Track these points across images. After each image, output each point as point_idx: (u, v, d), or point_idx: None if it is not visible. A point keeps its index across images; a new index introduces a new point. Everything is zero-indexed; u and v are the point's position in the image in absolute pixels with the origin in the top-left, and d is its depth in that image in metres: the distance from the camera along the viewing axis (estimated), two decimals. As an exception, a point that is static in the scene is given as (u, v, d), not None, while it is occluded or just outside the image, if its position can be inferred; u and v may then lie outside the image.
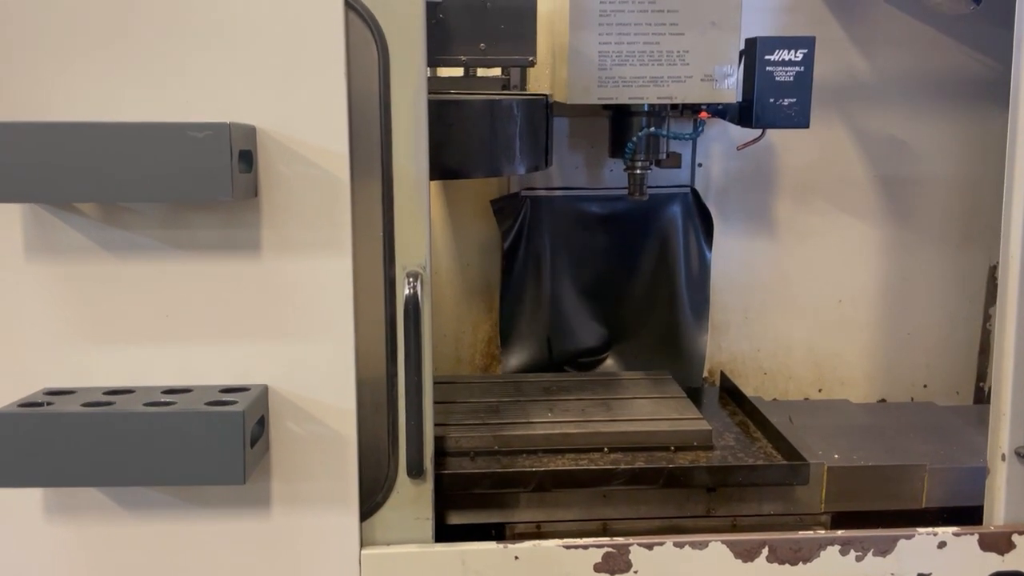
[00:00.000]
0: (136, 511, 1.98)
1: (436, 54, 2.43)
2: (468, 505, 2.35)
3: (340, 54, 1.88)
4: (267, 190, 1.90)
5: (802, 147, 3.12)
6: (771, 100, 2.47)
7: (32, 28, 1.82)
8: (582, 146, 3.09)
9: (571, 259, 3.09)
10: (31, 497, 1.97)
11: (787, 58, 2.44)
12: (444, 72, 2.76)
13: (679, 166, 2.77)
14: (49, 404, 1.82)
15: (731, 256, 3.20)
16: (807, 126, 2.51)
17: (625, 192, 2.75)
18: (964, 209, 3.22)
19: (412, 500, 2.05)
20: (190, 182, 1.75)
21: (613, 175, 3.01)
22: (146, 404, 1.81)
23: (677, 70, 2.40)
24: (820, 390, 3.33)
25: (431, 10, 2.37)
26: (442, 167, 2.31)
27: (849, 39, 3.08)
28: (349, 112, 1.91)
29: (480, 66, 2.58)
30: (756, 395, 3.17)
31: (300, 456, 1.99)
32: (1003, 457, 2.15)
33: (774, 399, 3.26)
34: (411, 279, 1.96)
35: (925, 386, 3.33)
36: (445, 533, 2.22)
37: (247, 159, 1.84)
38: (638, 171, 2.67)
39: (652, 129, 2.56)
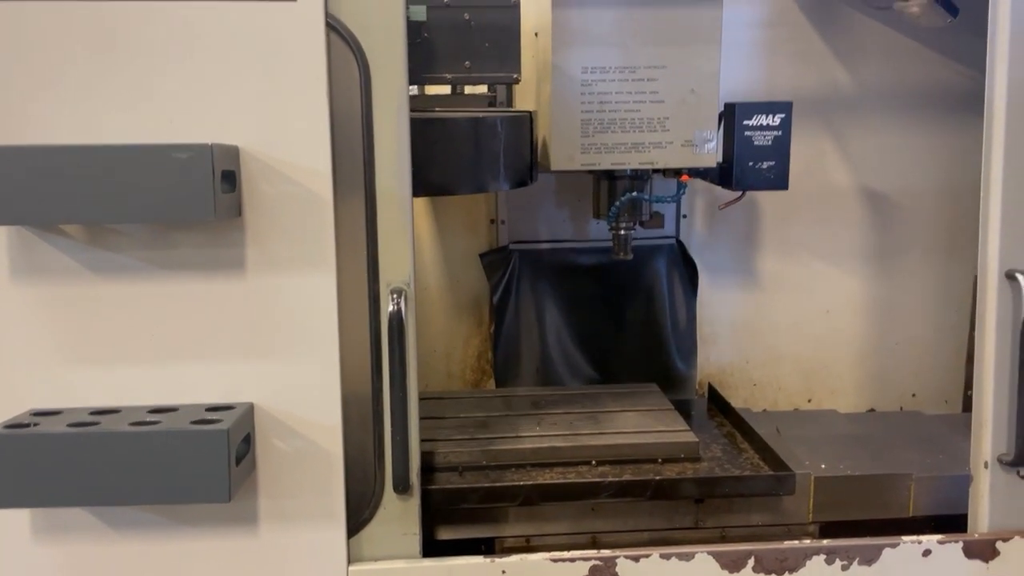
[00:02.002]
0: (123, 530, 1.99)
1: (422, 72, 2.46)
2: (457, 520, 2.35)
3: (322, 74, 1.90)
4: (251, 209, 1.92)
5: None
6: (750, 164, 2.52)
7: (14, 52, 1.84)
8: (568, 200, 3.14)
9: (560, 310, 3.13)
10: (18, 518, 1.98)
11: (765, 123, 2.50)
12: (431, 90, 2.79)
13: (662, 226, 2.81)
14: (35, 425, 1.83)
15: (718, 268, 3.22)
16: (786, 188, 2.56)
17: (611, 244, 2.78)
18: (949, 219, 3.24)
19: (399, 515, 2.06)
20: (174, 203, 1.78)
21: (599, 227, 3.04)
22: (132, 424, 1.83)
23: (658, 136, 2.45)
24: (810, 400, 3.34)
25: (416, 29, 2.40)
26: (428, 184, 2.33)
27: (831, 52, 3.11)
28: (331, 131, 1.93)
29: (465, 83, 2.61)
30: (745, 406, 3.19)
31: (286, 473, 2.00)
32: (986, 465, 2.16)
33: (763, 410, 3.27)
34: (395, 295, 1.98)
35: (914, 395, 3.34)
36: (435, 548, 2.23)
37: (230, 179, 1.86)
38: (622, 232, 2.71)
39: (634, 194, 2.60)
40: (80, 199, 1.76)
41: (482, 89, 2.91)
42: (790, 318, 3.28)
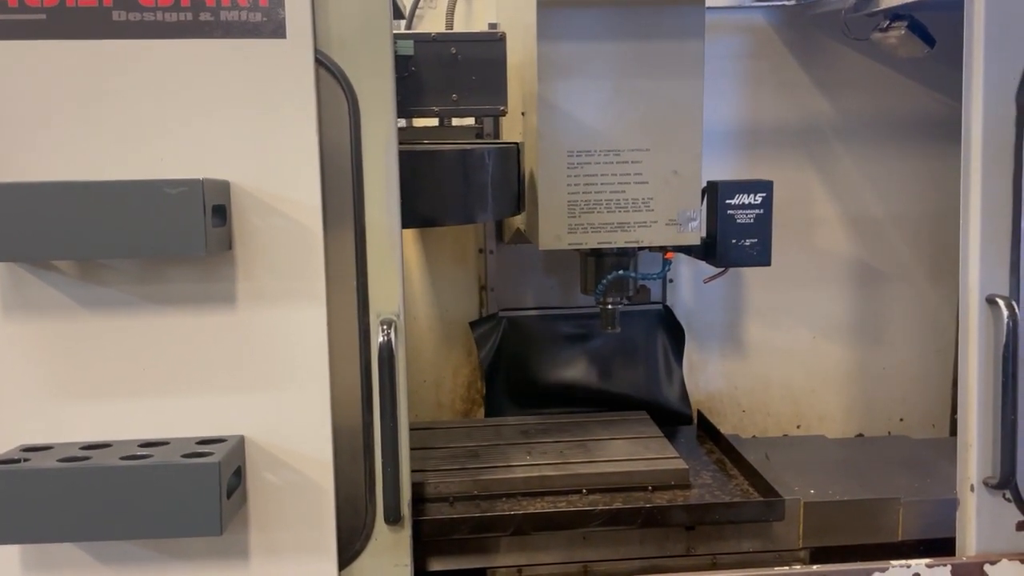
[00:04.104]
0: (114, 565, 1.98)
1: (410, 105, 2.49)
2: (449, 551, 2.35)
3: (312, 109, 1.93)
4: (241, 243, 1.94)
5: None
6: (733, 241, 2.57)
7: (6, 90, 1.86)
8: (556, 269, 3.19)
9: (550, 374, 3.15)
10: (8, 554, 1.96)
11: (747, 201, 2.55)
12: (419, 122, 2.83)
13: (649, 300, 2.86)
14: (26, 461, 1.82)
15: (706, 295, 3.25)
16: (768, 264, 2.61)
17: (597, 309, 2.80)
18: (932, 244, 3.28)
19: (390, 547, 2.06)
20: (165, 237, 1.79)
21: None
22: (123, 458, 1.83)
23: (643, 216, 2.50)
24: (798, 426, 3.36)
25: (404, 63, 2.43)
26: (417, 215, 2.36)
27: (812, 82, 3.17)
28: (321, 165, 1.95)
29: (453, 116, 2.64)
30: (734, 433, 3.21)
31: (277, 506, 2.00)
32: (972, 488, 2.18)
33: (753, 436, 3.29)
34: (385, 327, 1.99)
35: (901, 420, 3.36)
36: (427, 580, 2.24)
37: (221, 213, 1.88)
38: (610, 307, 2.75)
39: (621, 272, 2.65)
40: (72, 235, 1.77)
41: (469, 121, 2.95)
42: (778, 345, 3.30)
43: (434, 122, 2.69)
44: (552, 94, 2.46)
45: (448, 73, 2.51)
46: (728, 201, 2.55)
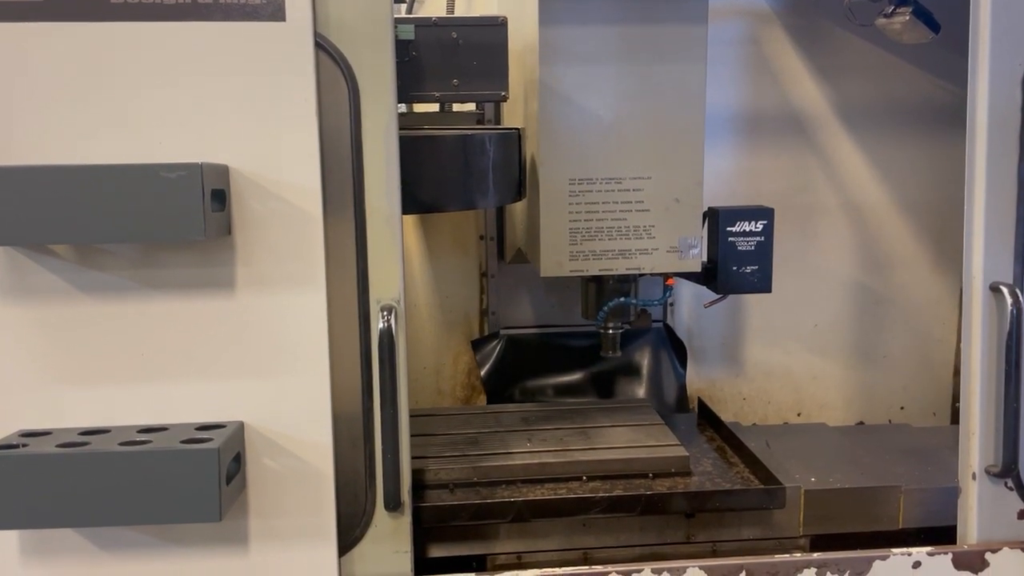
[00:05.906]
0: (113, 551, 1.98)
1: (410, 90, 2.48)
2: (448, 537, 2.35)
3: (311, 93, 1.91)
4: (241, 228, 1.92)
5: (774, 175, 3.18)
6: (734, 268, 2.57)
7: (5, 73, 1.84)
8: (557, 289, 3.19)
9: (551, 392, 3.16)
10: (7, 540, 1.96)
11: (748, 229, 2.55)
12: (420, 108, 2.81)
13: (649, 326, 2.87)
14: (24, 446, 1.82)
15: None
16: (769, 291, 2.61)
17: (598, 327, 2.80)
18: (935, 232, 3.27)
19: (390, 533, 2.06)
20: (163, 222, 1.78)
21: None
22: (121, 444, 1.82)
23: (644, 243, 2.50)
24: (799, 414, 3.36)
25: (404, 48, 2.41)
26: (417, 201, 2.35)
27: (815, 68, 3.15)
28: (321, 149, 1.94)
29: (453, 101, 2.63)
30: (735, 420, 3.20)
31: (277, 492, 1.99)
32: (974, 476, 2.17)
33: (753, 424, 3.28)
34: (385, 313, 1.98)
35: (902, 408, 3.36)
36: (427, 566, 2.23)
37: (220, 198, 1.87)
38: (610, 332, 2.75)
39: (622, 299, 2.65)
40: (70, 219, 1.76)
41: (470, 107, 2.94)
42: (779, 333, 3.30)
43: (435, 107, 2.68)
44: (553, 80, 2.44)
45: (449, 58, 2.49)
46: (729, 228, 2.56)
